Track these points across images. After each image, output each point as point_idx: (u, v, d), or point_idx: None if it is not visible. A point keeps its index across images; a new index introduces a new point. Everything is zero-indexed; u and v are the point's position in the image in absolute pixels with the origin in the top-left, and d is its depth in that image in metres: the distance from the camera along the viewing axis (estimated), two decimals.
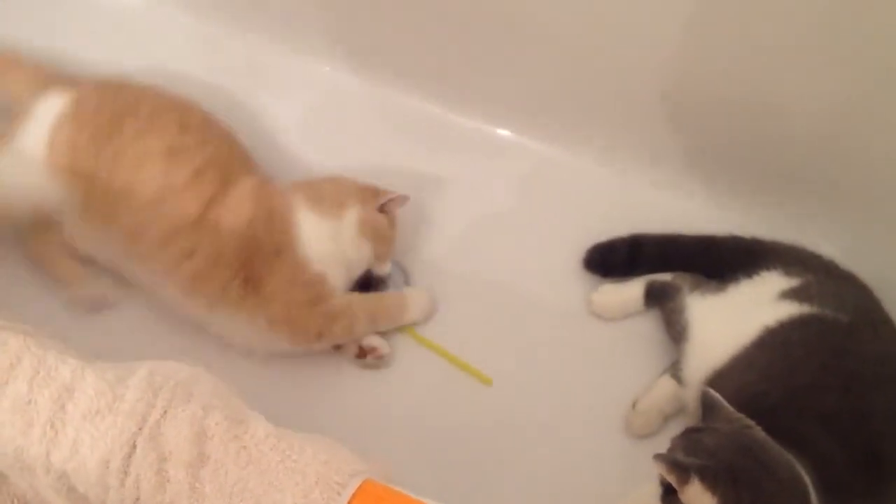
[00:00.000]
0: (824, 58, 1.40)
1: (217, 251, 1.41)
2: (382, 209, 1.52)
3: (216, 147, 1.49)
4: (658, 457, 1.03)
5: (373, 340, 1.49)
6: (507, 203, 1.71)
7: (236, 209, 1.43)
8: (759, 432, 1.11)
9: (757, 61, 1.45)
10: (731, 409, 1.13)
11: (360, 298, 1.50)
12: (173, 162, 1.42)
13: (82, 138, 1.42)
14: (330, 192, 1.52)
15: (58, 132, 1.43)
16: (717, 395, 1.15)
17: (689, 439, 1.10)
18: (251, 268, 1.42)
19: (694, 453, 1.05)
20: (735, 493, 1.01)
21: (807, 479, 1.08)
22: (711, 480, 1.00)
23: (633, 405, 1.46)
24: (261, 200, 1.46)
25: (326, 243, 1.48)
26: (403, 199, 1.54)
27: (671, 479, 1.01)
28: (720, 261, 1.50)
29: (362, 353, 1.49)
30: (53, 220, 1.47)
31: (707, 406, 1.14)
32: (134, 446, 0.89)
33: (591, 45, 1.55)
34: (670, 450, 1.09)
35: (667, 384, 1.45)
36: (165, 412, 0.91)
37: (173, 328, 1.49)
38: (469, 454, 1.44)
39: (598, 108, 1.65)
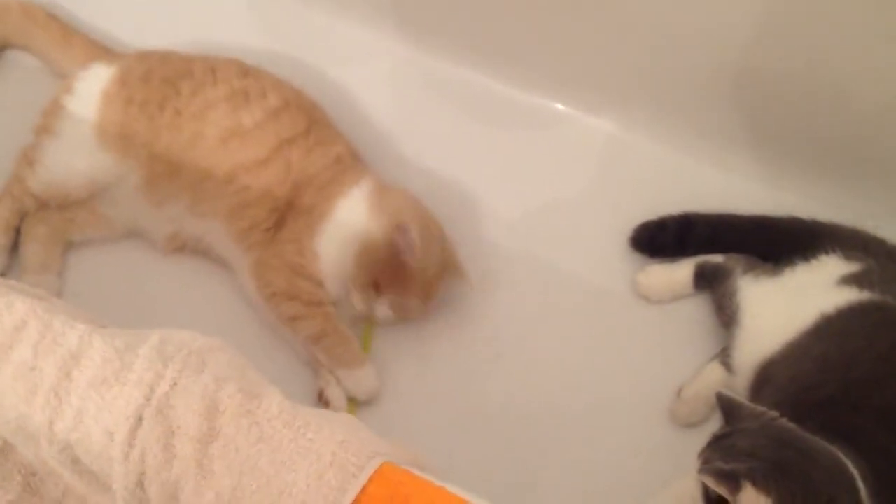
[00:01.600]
0: (891, 24, 1.33)
1: (269, 188, 1.40)
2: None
3: (297, 95, 1.49)
4: (702, 471, 0.98)
5: (334, 398, 1.39)
6: (558, 177, 1.65)
7: (310, 160, 1.43)
8: (786, 422, 1.06)
9: (820, 33, 1.38)
10: (750, 405, 1.08)
11: (330, 316, 1.40)
12: (240, 104, 1.43)
13: (133, 109, 1.42)
14: (392, 202, 1.43)
15: (106, 106, 1.43)
16: (732, 395, 1.10)
17: (721, 447, 1.05)
18: (284, 215, 1.42)
19: (733, 458, 1.00)
20: (788, 489, 0.96)
21: (851, 467, 1.02)
22: (763, 481, 0.95)
23: (679, 393, 1.41)
24: (335, 165, 1.45)
25: (348, 232, 1.41)
26: (410, 242, 1.36)
27: (722, 490, 0.95)
28: (776, 243, 1.44)
29: (321, 398, 1.40)
30: (78, 198, 1.46)
31: (726, 409, 1.09)
32: (140, 418, 0.85)
33: (649, 18, 1.49)
34: (704, 462, 1.03)
35: (715, 371, 1.39)
36: (175, 383, 0.86)
37: (204, 302, 1.48)
38: (506, 438, 1.40)
39: (654, 84, 1.59)
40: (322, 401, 1.39)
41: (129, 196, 1.45)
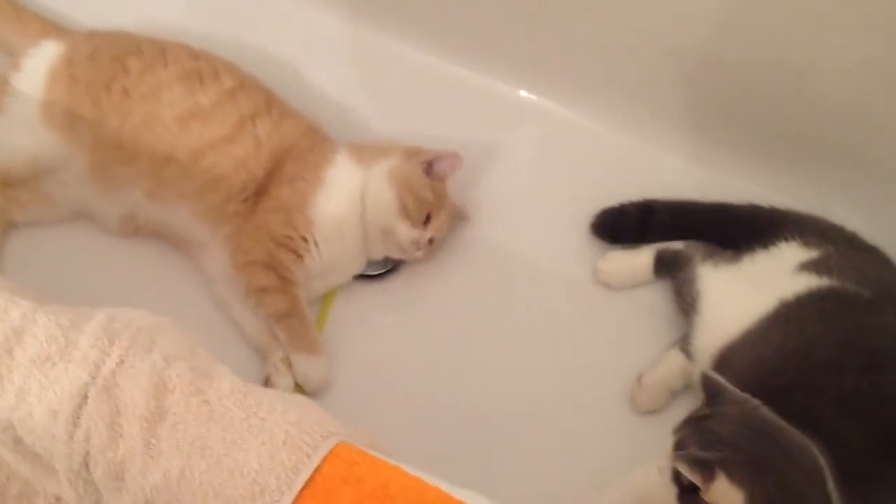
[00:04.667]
0: (853, 17, 1.33)
1: (241, 162, 1.41)
2: (429, 171, 1.45)
3: (249, 76, 1.49)
4: (678, 457, 0.97)
5: (280, 387, 1.38)
6: (519, 164, 1.64)
7: (282, 133, 1.45)
8: (768, 412, 1.05)
9: (781, 21, 1.38)
10: (735, 390, 1.07)
11: (298, 298, 1.41)
12: (195, 85, 1.42)
13: (78, 89, 1.40)
14: (374, 146, 1.49)
15: (52, 84, 1.40)
16: (719, 378, 1.09)
17: (697, 429, 1.04)
18: (263, 185, 1.42)
19: (709, 445, 0.99)
20: (762, 484, 0.95)
21: (822, 461, 1.02)
22: (738, 474, 0.95)
23: (639, 380, 1.40)
24: (309, 134, 1.48)
25: (347, 195, 1.44)
26: (454, 161, 1.46)
27: (695, 478, 0.95)
28: (736, 230, 1.44)
29: (266, 384, 1.39)
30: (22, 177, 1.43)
31: (710, 390, 1.08)
32: (85, 397, 0.82)
33: (613, 6, 1.49)
34: (679, 443, 1.03)
35: (675, 358, 1.39)
36: (122, 361, 0.84)
37: (154, 286, 1.46)
38: (465, 425, 1.39)
39: (616, 72, 1.59)
40: (265, 382, 1.39)
41: (77, 179, 1.42)
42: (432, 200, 1.44)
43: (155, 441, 0.81)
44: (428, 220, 1.44)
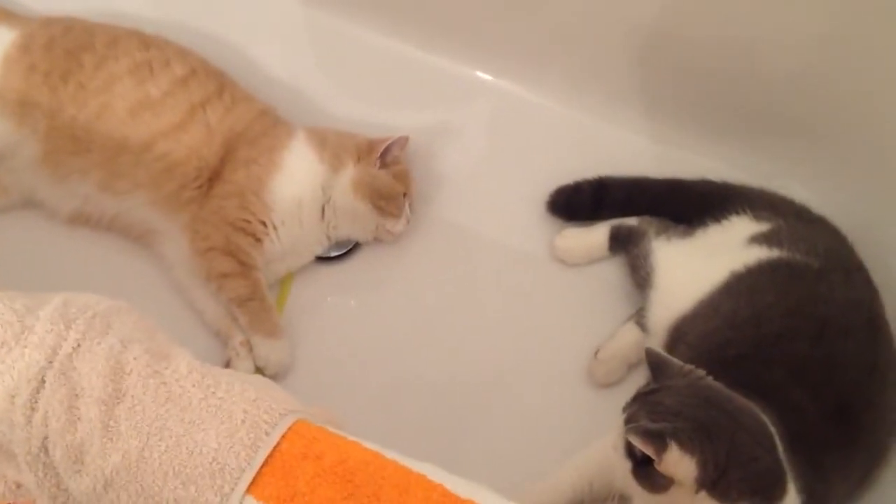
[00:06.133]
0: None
1: (193, 148, 1.40)
2: (383, 163, 1.47)
3: (202, 62, 1.49)
4: (629, 430, 0.98)
5: (240, 370, 1.39)
6: (475, 143, 1.66)
7: (234, 118, 1.45)
8: (713, 381, 1.07)
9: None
10: (679, 362, 1.08)
11: (259, 282, 1.42)
12: (145, 76, 1.42)
13: (35, 77, 1.39)
14: (332, 137, 1.49)
15: (6, 71, 1.40)
16: (661, 352, 1.11)
17: (646, 403, 1.05)
18: (217, 171, 1.42)
19: (659, 417, 1.00)
20: (712, 450, 0.97)
21: (770, 426, 1.04)
22: (688, 442, 0.96)
23: (596, 353, 1.41)
24: (262, 118, 1.48)
25: (305, 180, 1.45)
26: (401, 142, 1.49)
27: (648, 450, 0.96)
28: (688, 205, 1.46)
29: (226, 366, 1.40)
30: None
31: (654, 365, 1.10)
32: (43, 381, 0.82)
33: None
34: (630, 418, 1.04)
35: (630, 332, 1.41)
36: (79, 345, 0.84)
37: (107, 275, 1.46)
38: (425, 402, 1.40)
39: (572, 50, 1.60)
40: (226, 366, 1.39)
41: (28, 167, 1.42)
42: (401, 189, 1.47)
43: (113, 423, 0.81)
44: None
